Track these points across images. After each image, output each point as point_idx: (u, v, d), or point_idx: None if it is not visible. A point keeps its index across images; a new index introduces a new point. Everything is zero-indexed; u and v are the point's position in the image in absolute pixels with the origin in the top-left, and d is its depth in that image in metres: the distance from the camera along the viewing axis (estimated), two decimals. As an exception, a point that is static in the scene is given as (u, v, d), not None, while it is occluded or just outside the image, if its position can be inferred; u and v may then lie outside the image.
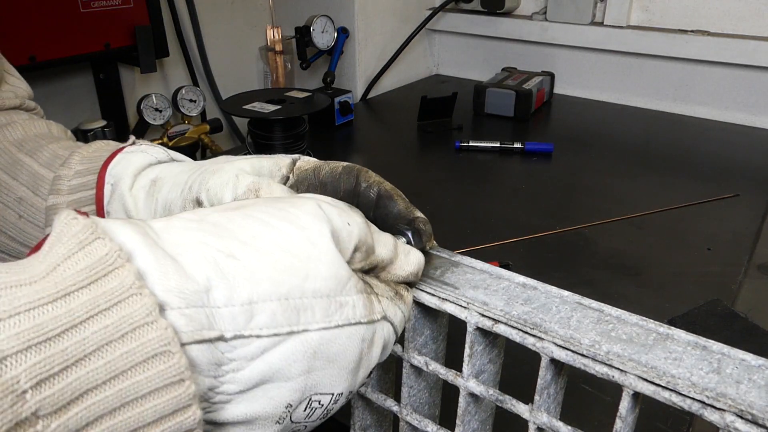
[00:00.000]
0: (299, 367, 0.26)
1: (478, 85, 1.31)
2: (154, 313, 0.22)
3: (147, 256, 0.23)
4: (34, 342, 0.19)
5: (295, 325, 0.26)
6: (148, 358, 0.21)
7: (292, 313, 0.26)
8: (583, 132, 1.25)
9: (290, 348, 0.26)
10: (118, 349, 0.21)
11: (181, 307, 0.23)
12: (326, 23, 1.32)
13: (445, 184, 1.02)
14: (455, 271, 0.36)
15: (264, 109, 0.99)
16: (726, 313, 0.64)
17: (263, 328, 0.25)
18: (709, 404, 0.26)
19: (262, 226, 0.27)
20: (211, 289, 0.24)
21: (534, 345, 0.31)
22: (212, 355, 0.24)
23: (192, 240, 0.25)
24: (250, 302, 0.25)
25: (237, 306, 0.24)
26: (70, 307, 0.21)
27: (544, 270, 0.75)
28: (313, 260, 0.27)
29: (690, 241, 0.80)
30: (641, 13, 1.34)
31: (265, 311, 0.25)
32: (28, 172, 0.41)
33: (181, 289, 0.23)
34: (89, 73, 1.11)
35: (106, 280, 0.22)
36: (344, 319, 0.28)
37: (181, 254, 0.24)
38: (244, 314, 0.25)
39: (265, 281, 0.25)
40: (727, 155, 1.12)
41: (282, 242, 0.27)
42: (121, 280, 0.22)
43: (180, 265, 0.24)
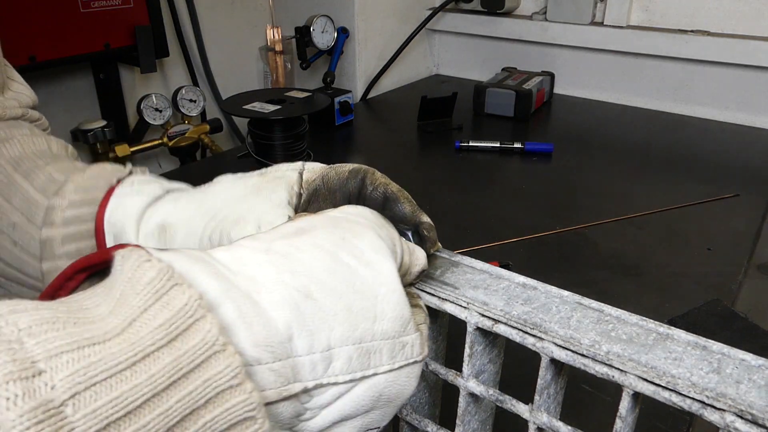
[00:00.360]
0: (365, 407, 0.27)
1: (478, 85, 1.31)
2: (240, 375, 0.21)
3: (227, 304, 0.22)
4: (113, 419, 0.18)
5: (367, 369, 0.27)
6: (232, 425, 0.21)
7: (364, 358, 0.27)
8: (583, 132, 1.25)
9: (360, 393, 0.27)
10: (202, 418, 0.20)
11: (269, 362, 0.23)
12: (326, 23, 1.32)
13: (445, 184, 1.02)
14: (455, 271, 0.36)
15: (264, 109, 0.99)
16: (726, 313, 0.64)
17: (340, 375, 0.26)
18: (709, 404, 0.26)
19: (332, 260, 0.27)
20: (293, 337, 0.24)
21: (534, 345, 0.31)
22: (294, 408, 0.24)
23: (268, 276, 0.25)
24: (329, 348, 0.25)
25: (317, 354, 0.25)
26: (151, 374, 0.19)
27: (544, 270, 0.75)
28: (380, 301, 0.27)
29: (690, 241, 0.80)
30: (641, 13, 1.34)
31: (341, 357, 0.26)
32: (23, 196, 0.39)
33: (269, 342, 0.23)
34: (89, 73, 1.11)
35: (187, 336, 0.20)
36: (404, 359, 0.28)
37: (259, 293, 0.24)
38: (323, 362, 0.25)
39: (341, 325, 0.26)
40: (727, 155, 1.12)
41: (353, 281, 0.27)
42: (203, 335, 0.20)
43: (262, 309, 0.23)
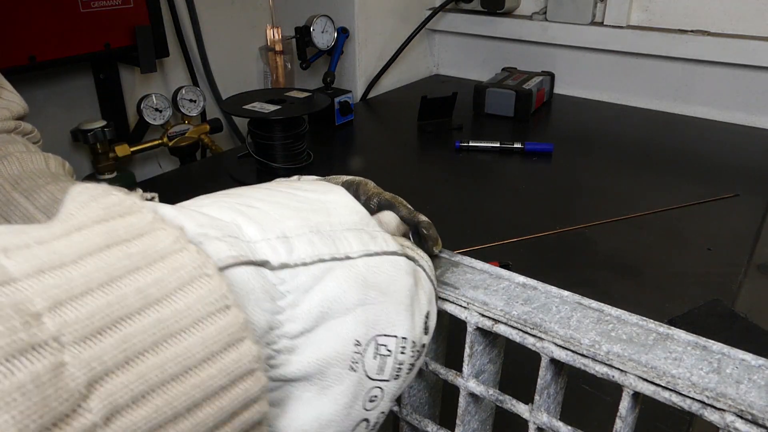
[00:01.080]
0: (354, 295, 0.25)
1: (478, 85, 1.31)
2: (182, 240, 0.19)
3: (167, 208, 0.22)
4: (48, 266, 0.17)
5: (337, 252, 0.25)
6: (183, 284, 0.19)
7: (328, 241, 0.25)
8: (583, 132, 1.25)
9: (340, 275, 0.24)
10: (147, 276, 0.18)
11: (219, 237, 0.21)
12: (326, 23, 1.32)
13: (445, 184, 1.02)
14: (455, 271, 0.36)
15: (264, 109, 0.99)
16: (726, 313, 0.64)
17: (307, 257, 0.24)
18: (709, 404, 0.26)
19: (272, 191, 0.27)
20: (241, 226, 0.23)
21: (534, 345, 0.31)
22: (264, 282, 0.22)
23: (208, 201, 0.24)
24: (285, 236, 0.24)
25: (273, 239, 0.23)
26: (87, 237, 0.18)
27: (544, 270, 0.75)
28: (331, 203, 0.27)
29: (690, 241, 0.80)
30: (641, 13, 1.34)
31: (302, 241, 0.24)
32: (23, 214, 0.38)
33: (214, 224, 0.22)
34: (89, 73, 1.11)
35: (124, 219, 0.19)
36: (380, 248, 0.27)
37: (201, 207, 0.23)
38: (283, 245, 0.23)
39: (291, 219, 0.24)
40: (727, 155, 1.12)
41: (295, 197, 0.26)
42: (141, 217, 0.19)
43: (203, 213, 0.23)
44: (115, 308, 0.17)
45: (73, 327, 0.16)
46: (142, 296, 0.18)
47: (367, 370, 0.25)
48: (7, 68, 0.91)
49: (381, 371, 0.26)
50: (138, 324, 0.17)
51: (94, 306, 0.17)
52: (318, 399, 0.24)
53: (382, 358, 0.26)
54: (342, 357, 0.24)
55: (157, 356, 0.17)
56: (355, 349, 0.24)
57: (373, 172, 1.07)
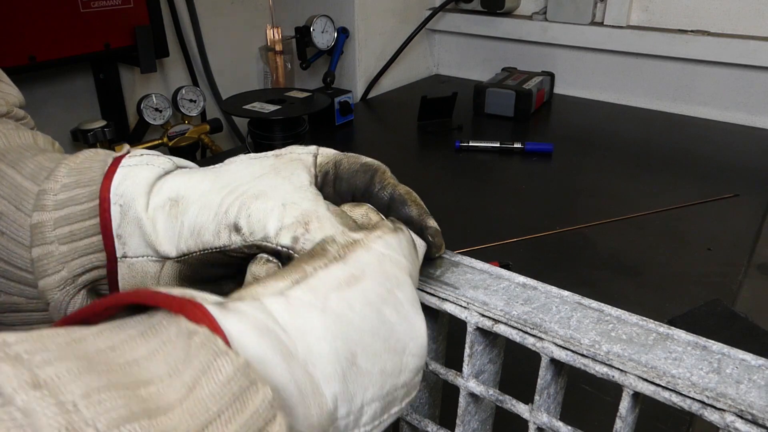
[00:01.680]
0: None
1: (478, 85, 1.31)
2: (276, 421, 0.21)
3: (290, 387, 0.23)
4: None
5: (385, 416, 0.28)
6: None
7: (386, 407, 0.28)
8: (583, 132, 1.25)
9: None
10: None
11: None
12: (326, 23, 1.32)
13: (445, 184, 1.02)
14: (455, 271, 0.36)
15: (264, 109, 0.99)
16: (726, 314, 0.64)
17: (364, 426, 0.27)
18: (709, 404, 0.26)
19: (378, 319, 0.28)
20: (338, 408, 0.25)
21: (534, 345, 0.31)
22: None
23: (323, 347, 0.25)
24: (361, 407, 0.26)
25: (352, 415, 0.26)
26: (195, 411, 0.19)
27: (544, 270, 0.75)
28: (407, 354, 0.29)
29: (690, 241, 0.80)
30: (641, 13, 1.34)
31: (368, 413, 0.27)
32: (10, 183, 0.37)
33: (321, 423, 0.24)
34: (89, 73, 1.11)
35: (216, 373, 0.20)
36: (410, 398, 0.30)
37: (315, 366, 0.24)
38: (354, 419, 0.26)
39: (374, 386, 0.27)
40: (727, 155, 1.12)
41: (391, 340, 0.28)
42: (231, 368, 0.20)
43: (316, 386, 0.24)
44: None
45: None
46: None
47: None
48: (7, 68, 0.91)
49: None
50: None
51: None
52: None
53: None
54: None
55: None
56: None
57: (373, 172, 1.07)
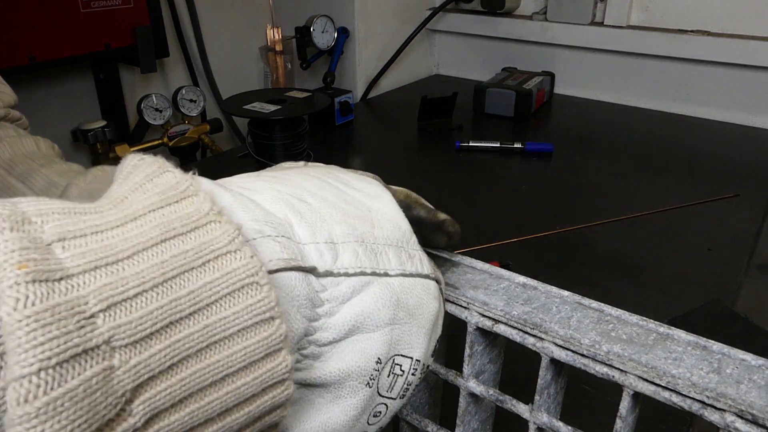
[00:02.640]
0: (386, 313, 0.25)
1: (478, 85, 1.31)
2: (237, 240, 0.19)
3: (222, 193, 0.22)
4: (103, 263, 0.16)
5: (377, 267, 0.25)
6: (234, 290, 0.19)
7: (371, 255, 0.25)
8: (583, 132, 1.25)
9: (377, 291, 0.25)
10: (200, 278, 0.18)
11: (272, 235, 0.21)
12: (326, 23, 1.32)
13: (445, 184, 1.02)
14: (455, 271, 0.36)
15: (264, 109, 0.99)
16: (726, 314, 0.64)
17: (350, 268, 0.24)
18: (709, 404, 0.26)
19: (320, 181, 0.27)
20: (293, 225, 0.23)
21: (534, 345, 0.31)
22: (309, 289, 0.22)
23: (260, 185, 0.24)
24: (333, 242, 0.24)
25: (321, 243, 0.23)
26: (142, 229, 0.18)
27: (544, 270, 0.75)
28: (375, 213, 0.27)
29: (690, 241, 0.80)
30: (641, 13, 1.34)
31: (347, 251, 0.24)
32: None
33: (268, 219, 0.22)
34: (89, 73, 1.11)
35: (180, 206, 0.19)
36: (416, 269, 0.27)
37: (256, 193, 0.23)
38: (330, 252, 0.24)
39: (339, 224, 0.25)
40: (727, 155, 1.12)
41: (344, 196, 0.27)
42: (197, 206, 0.19)
43: (258, 203, 0.23)
44: (167, 312, 0.17)
45: (124, 330, 0.16)
46: (193, 300, 0.18)
47: (379, 387, 0.26)
48: (7, 68, 0.91)
49: (391, 389, 0.26)
50: (186, 330, 0.18)
51: (147, 309, 0.17)
52: (328, 406, 0.24)
53: (395, 377, 0.26)
54: (362, 373, 0.25)
55: (200, 363, 0.18)
56: (375, 367, 0.25)
57: (373, 172, 1.07)
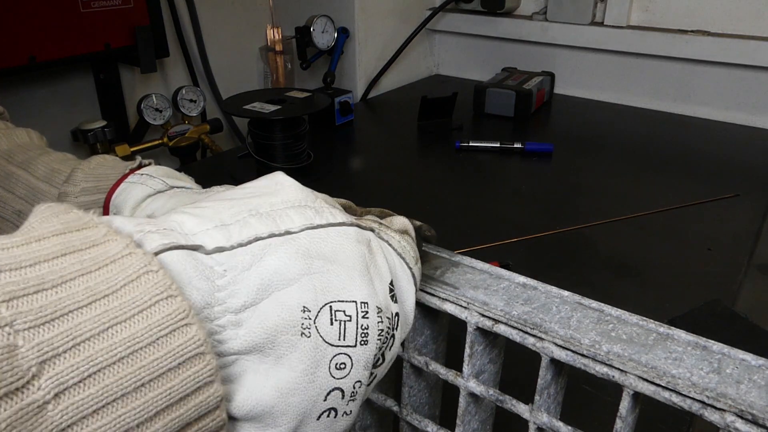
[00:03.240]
0: (297, 266, 0.25)
1: (478, 85, 1.31)
2: (130, 246, 0.21)
3: (120, 219, 0.24)
4: (6, 268, 0.19)
5: (276, 230, 0.26)
6: (130, 281, 0.21)
7: (268, 220, 0.26)
8: (583, 132, 1.25)
9: (280, 249, 0.25)
10: (98, 277, 0.20)
11: (152, 231, 0.23)
12: (326, 23, 1.32)
13: (445, 184, 1.02)
14: (455, 271, 0.36)
15: (264, 109, 0.99)
16: (726, 314, 0.64)
17: (243, 239, 0.25)
18: (709, 404, 0.26)
19: (234, 189, 0.29)
20: (183, 223, 0.25)
21: (534, 345, 0.31)
22: (197, 263, 0.23)
23: (165, 208, 0.27)
24: (224, 224, 0.25)
25: (210, 228, 0.25)
26: (43, 246, 0.20)
27: (544, 270, 0.75)
28: (278, 185, 0.28)
29: (690, 241, 0.80)
30: (641, 13, 1.34)
31: (239, 226, 0.25)
32: (25, 185, 0.41)
33: (153, 222, 0.24)
34: (89, 73, 1.11)
35: (80, 232, 0.21)
36: (326, 220, 0.27)
37: (154, 214, 0.26)
38: (221, 232, 0.25)
39: (231, 208, 0.26)
40: (727, 155, 1.12)
41: (249, 190, 0.28)
42: (95, 230, 0.22)
43: (152, 220, 0.25)
44: (66, 303, 0.19)
45: (26, 317, 0.18)
46: (91, 293, 0.20)
47: (323, 336, 0.25)
48: (7, 68, 0.91)
49: (342, 337, 0.26)
50: (86, 315, 0.19)
51: (46, 301, 0.19)
52: (274, 369, 0.25)
53: (341, 323, 0.26)
54: (289, 324, 0.25)
55: (105, 342, 0.19)
56: (303, 315, 0.25)
57: (373, 172, 1.07)
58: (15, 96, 1.00)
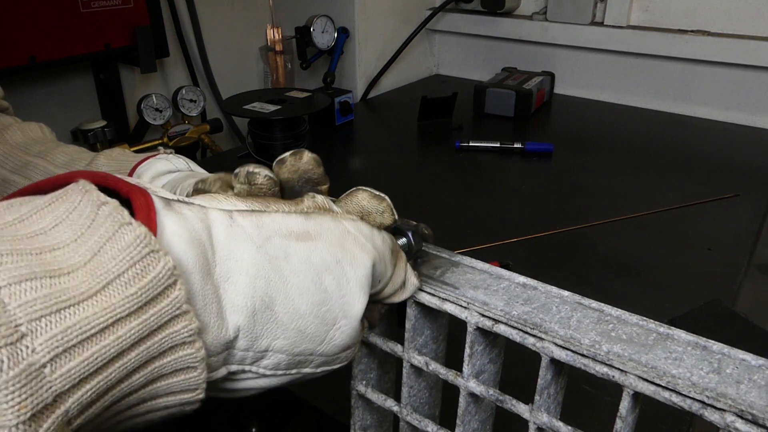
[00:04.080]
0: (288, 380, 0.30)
1: (478, 85, 1.31)
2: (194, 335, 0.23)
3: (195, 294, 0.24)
4: (84, 375, 0.20)
5: (294, 373, 0.29)
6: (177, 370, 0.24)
7: (293, 364, 0.28)
8: (583, 132, 1.25)
9: (283, 380, 0.29)
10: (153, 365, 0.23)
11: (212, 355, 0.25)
12: (326, 23, 1.32)
13: (445, 184, 1.02)
14: (455, 271, 0.36)
15: (264, 109, 0.99)
16: (726, 314, 0.64)
17: (264, 369, 0.27)
18: (709, 404, 0.26)
19: (313, 283, 0.28)
20: (238, 338, 0.26)
21: (534, 345, 0.31)
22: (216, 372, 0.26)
23: (242, 278, 0.26)
24: (266, 350, 0.27)
25: (251, 352, 0.26)
26: (118, 335, 0.21)
27: (544, 270, 0.75)
28: (336, 329, 0.29)
29: (690, 241, 0.80)
30: (641, 13, 1.34)
31: (272, 359, 0.27)
32: (43, 172, 0.41)
33: (215, 346, 0.25)
34: (89, 73, 1.11)
35: (156, 301, 0.22)
36: (329, 367, 0.31)
37: (226, 291, 0.25)
38: (255, 358, 0.27)
39: (286, 340, 0.27)
40: (727, 155, 1.12)
41: (321, 306, 0.28)
42: (171, 300, 0.23)
43: (221, 309, 0.25)
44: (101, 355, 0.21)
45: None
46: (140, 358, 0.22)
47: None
48: (7, 68, 0.91)
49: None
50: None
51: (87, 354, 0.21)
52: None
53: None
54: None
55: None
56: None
57: (373, 172, 1.07)
58: (15, 96, 1.00)
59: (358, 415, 0.42)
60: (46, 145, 0.44)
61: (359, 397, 0.41)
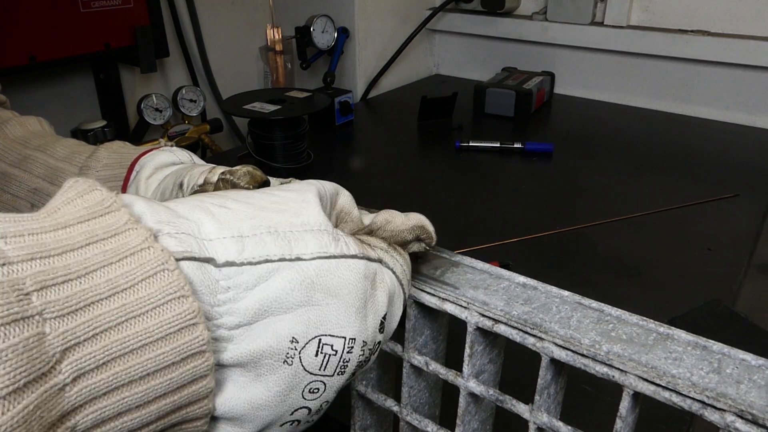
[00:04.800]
0: (298, 296, 0.26)
1: (478, 85, 1.31)
2: (149, 239, 0.23)
3: (142, 205, 0.25)
4: (38, 256, 0.20)
5: (288, 254, 0.26)
6: (147, 276, 0.22)
7: (283, 242, 0.26)
8: (583, 132, 1.25)
9: (286, 276, 0.26)
10: (118, 270, 0.22)
11: (171, 233, 0.24)
12: (326, 23, 1.32)
13: (445, 184, 1.02)
14: (455, 271, 0.36)
15: (264, 109, 0.99)
16: (726, 314, 0.64)
17: (255, 257, 0.25)
18: (709, 404, 0.26)
19: (258, 192, 0.29)
20: (203, 224, 0.25)
21: (534, 345, 0.31)
22: (204, 276, 0.24)
23: (192, 199, 0.27)
24: (240, 236, 0.26)
25: (227, 238, 0.25)
26: (70, 234, 0.22)
27: (544, 270, 0.75)
28: (304, 203, 0.29)
29: (690, 241, 0.80)
30: (641, 13, 1.34)
31: (254, 241, 0.26)
32: (44, 165, 0.41)
33: (171, 220, 0.25)
34: (89, 73, 1.11)
35: (103, 218, 0.23)
36: (339, 251, 0.28)
37: (179, 204, 0.26)
38: (235, 245, 0.25)
39: (253, 219, 0.27)
40: (727, 155, 1.12)
41: (273, 198, 0.28)
42: (117, 218, 0.23)
43: (173, 210, 0.25)
44: (88, 294, 0.21)
45: (53, 306, 0.20)
46: (111, 286, 0.22)
47: (305, 366, 0.27)
48: (7, 68, 0.91)
49: (323, 368, 0.27)
50: (106, 307, 0.21)
51: (71, 291, 0.21)
52: (252, 385, 0.26)
53: (326, 356, 0.27)
54: (275, 351, 0.26)
55: (120, 333, 0.21)
56: (291, 346, 0.26)
57: (373, 172, 1.07)
58: (15, 96, 1.00)
59: (358, 414, 0.42)
60: (45, 139, 0.44)
61: (359, 396, 0.41)
